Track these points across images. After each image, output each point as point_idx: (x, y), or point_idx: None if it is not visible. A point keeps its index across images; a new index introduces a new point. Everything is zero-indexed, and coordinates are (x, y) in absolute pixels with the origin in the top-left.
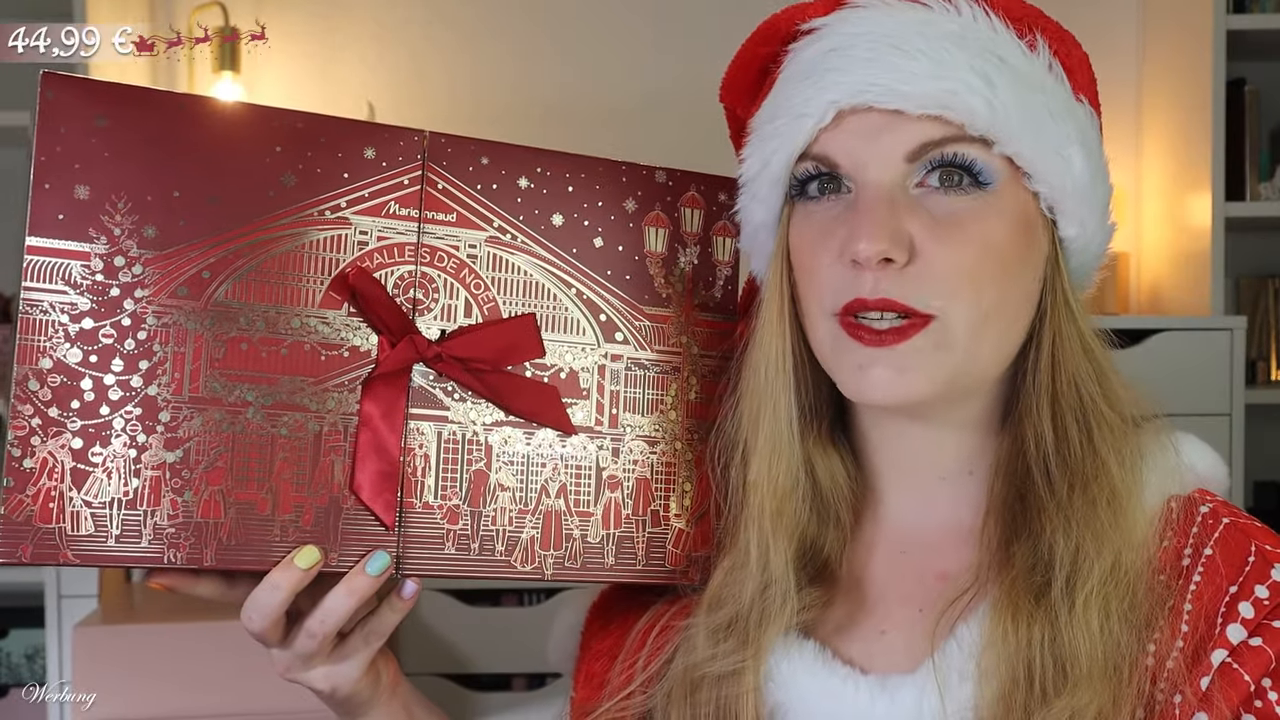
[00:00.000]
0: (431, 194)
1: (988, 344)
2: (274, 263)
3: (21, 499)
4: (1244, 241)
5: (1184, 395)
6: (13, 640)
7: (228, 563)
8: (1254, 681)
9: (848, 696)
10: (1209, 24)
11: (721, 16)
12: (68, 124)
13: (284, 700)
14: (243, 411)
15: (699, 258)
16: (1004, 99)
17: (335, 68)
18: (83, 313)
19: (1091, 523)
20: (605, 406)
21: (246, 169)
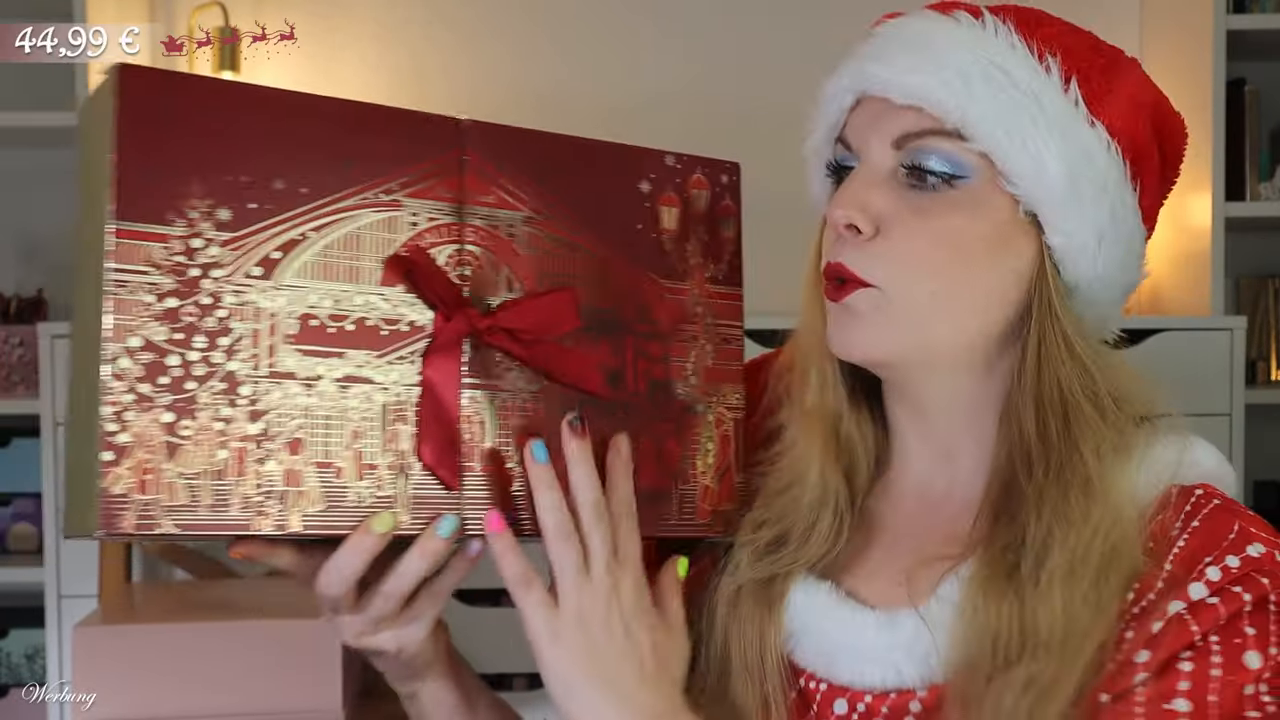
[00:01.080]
0: (472, 177)
1: (942, 325)
2: (337, 243)
3: (119, 472)
4: (1244, 241)
5: (1184, 395)
6: (13, 640)
7: (311, 529)
8: (1201, 634)
9: (854, 626)
10: (1209, 24)
11: (722, 17)
12: (145, 113)
13: (284, 700)
14: (316, 384)
15: (707, 234)
16: (981, 98)
17: (335, 68)
18: (166, 292)
19: (1062, 509)
20: (635, 373)
21: (309, 155)
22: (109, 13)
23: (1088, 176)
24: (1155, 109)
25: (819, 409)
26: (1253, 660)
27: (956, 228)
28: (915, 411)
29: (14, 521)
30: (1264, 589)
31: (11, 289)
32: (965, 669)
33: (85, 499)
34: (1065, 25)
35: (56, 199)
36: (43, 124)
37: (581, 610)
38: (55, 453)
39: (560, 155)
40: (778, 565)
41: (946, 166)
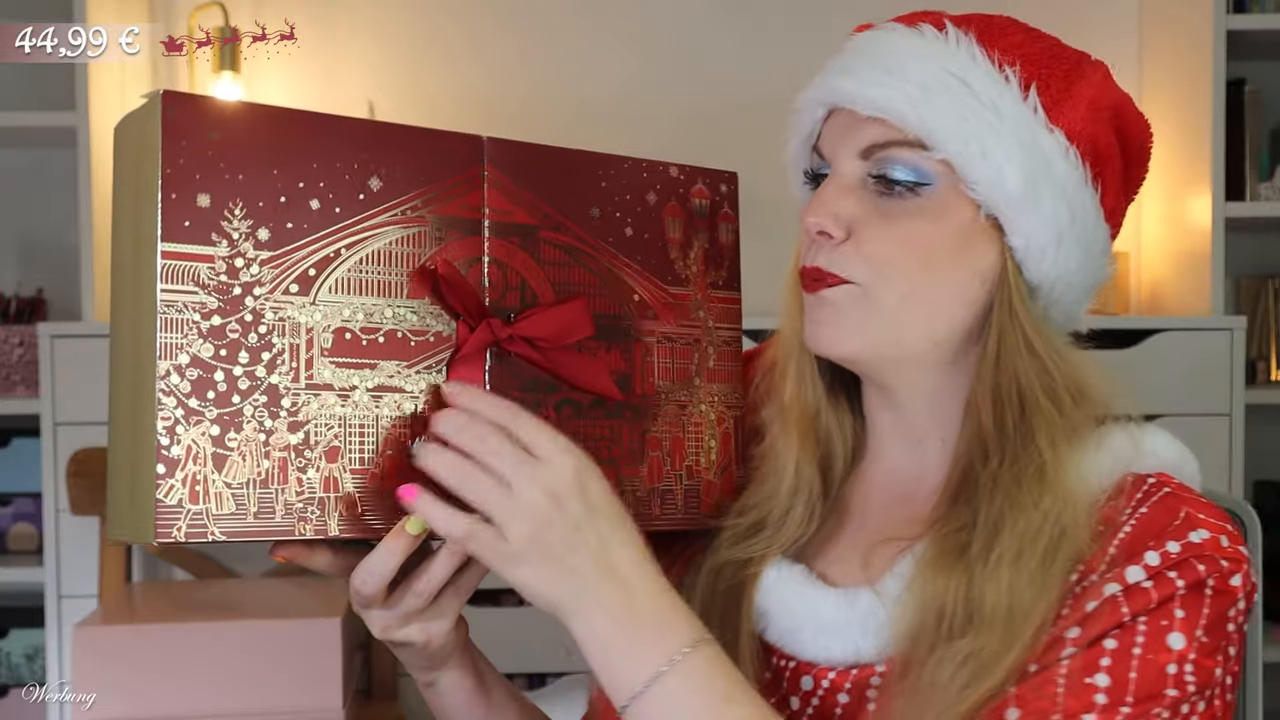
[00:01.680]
0: (492, 192)
1: (912, 323)
2: (368, 259)
3: (172, 484)
4: (1244, 241)
5: (1184, 395)
6: (13, 640)
7: (349, 531)
8: (1130, 615)
9: (817, 604)
10: (1209, 24)
11: (722, 18)
12: (187, 139)
13: (284, 700)
14: (351, 394)
15: (709, 242)
16: (940, 109)
17: (335, 67)
18: (211, 310)
19: (1014, 495)
20: (643, 376)
21: (339, 174)
22: (109, 13)
23: (1046, 181)
24: (1116, 111)
25: (796, 404)
26: (1176, 641)
27: (922, 232)
28: (888, 402)
29: (14, 521)
30: (1199, 574)
31: (11, 289)
32: (909, 640)
33: (135, 508)
34: (1029, 34)
35: (56, 199)
36: (43, 124)
37: (530, 528)
38: (55, 453)
39: (572, 169)
40: (754, 549)
41: (910, 175)
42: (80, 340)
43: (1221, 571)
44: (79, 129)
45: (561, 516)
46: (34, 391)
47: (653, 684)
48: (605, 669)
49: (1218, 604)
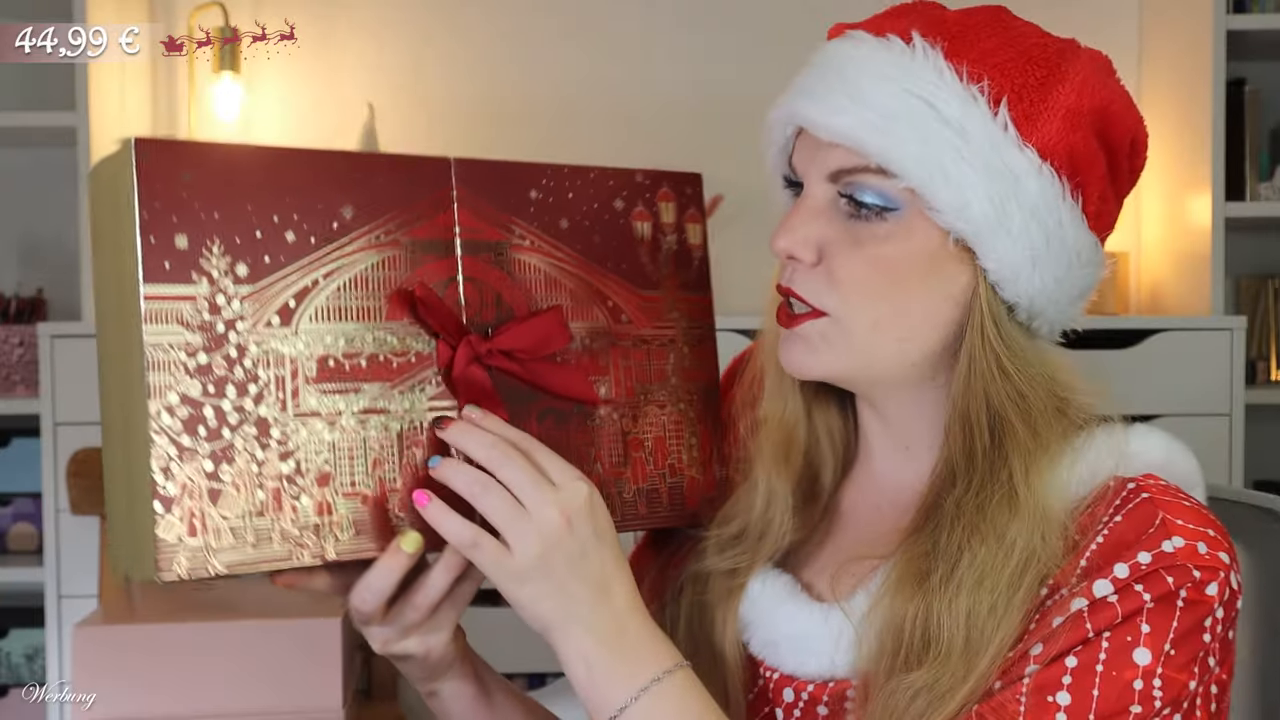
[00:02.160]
0: (463, 211)
1: (884, 347)
2: (345, 286)
3: (170, 520)
4: (1244, 241)
5: (1184, 395)
6: (13, 640)
7: (346, 554)
8: (1094, 631)
9: (796, 618)
10: (1209, 24)
11: (720, 23)
12: (161, 182)
13: (284, 700)
14: (338, 420)
15: (677, 244)
16: (903, 137)
17: (335, 67)
18: (197, 348)
19: (977, 524)
20: (621, 379)
21: (312, 206)
22: (109, 13)
23: (1015, 203)
24: (1098, 114)
25: (772, 418)
26: (1141, 656)
27: (890, 256)
28: (875, 412)
29: (14, 521)
30: (1168, 587)
31: (11, 289)
32: (871, 662)
33: (136, 544)
34: (1005, 37)
35: (56, 199)
36: (43, 124)
37: (539, 549)
38: (55, 453)
39: (539, 183)
40: (740, 559)
41: (877, 199)
42: (80, 340)
43: (1194, 581)
44: (79, 129)
45: (570, 540)
46: (34, 391)
47: (631, 704)
48: (589, 687)
49: (1189, 615)
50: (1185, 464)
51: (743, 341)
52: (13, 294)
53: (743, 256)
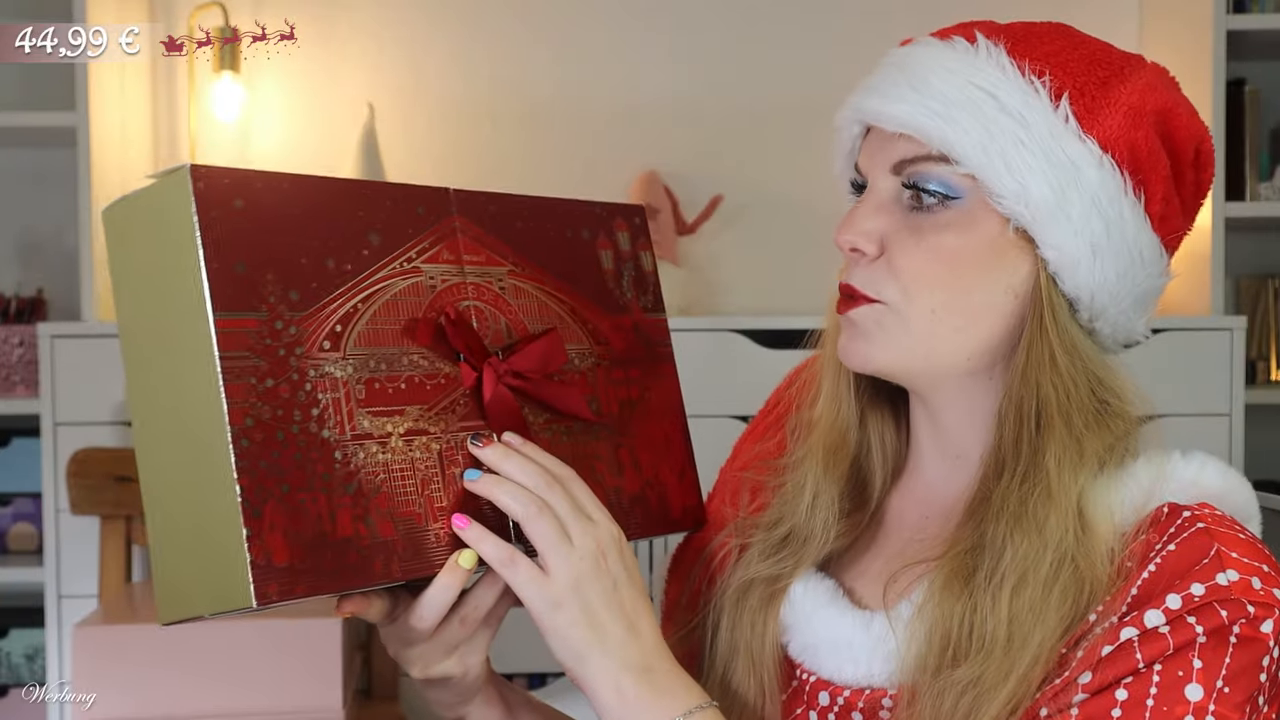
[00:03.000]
0: (467, 240)
1: (943, 336)
2: (381, 311)
3: (261, 545)
4: (1244, 241)
5: (1184, 395)
6: (13, 640)
7: (409, 573)
8: (1144, 662)
9: (837, 624)
10: (1209, 24)
11: (719, 23)
12: (217, 209)
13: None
14: (388, 441)
15: (635, 270)
16: (963, 123)
17: (335, 67)
18: (264, 373)
19: (1019, 515)
20: (608, 398)
21: (345, 233)
22: (109, 13)
23: (1076, 191)
24: (1161, 115)
25: (825, 421)
26: (1194, 692)
27: (950, 245)
28: (929, 416)
29: (14, 521)
30: (1220, 620)
31: (11, 289)
32: (918, 667)
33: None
34: (1068, 42)
35: (56, 199)
36: (43, 124)
37: (576, 576)
38: (55, 453)
39: (523, 214)
40: (783, 564)
41: (941, 188)
42: (80, 340)
43: (1248, 617)
44: (79, 129)
45: (604, 573)
46: (34, 391)
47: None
48: (622, 711)
49: (1243, 653)
50: (1242, 494)
51: (743, 341)
52: (13, 294)
53: (742, 257)
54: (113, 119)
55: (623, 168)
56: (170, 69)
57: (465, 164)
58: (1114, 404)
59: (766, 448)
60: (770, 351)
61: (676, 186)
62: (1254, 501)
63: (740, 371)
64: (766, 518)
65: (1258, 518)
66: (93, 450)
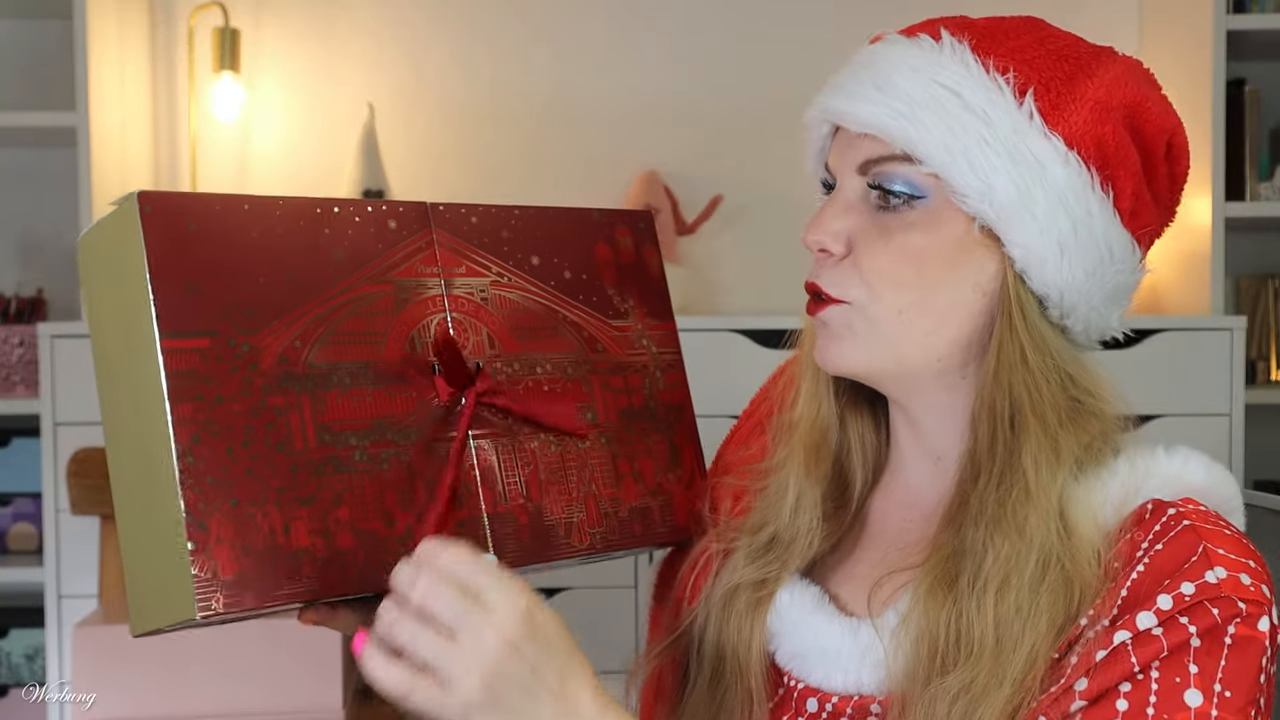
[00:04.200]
0: (444, 252)
1: (912, 337)
2: (345, 325)
3: (206, 559)
4: (1244, 241)
5: (1184, 395)
6: (13, 640)
7: (369, 586)
8: (1140, 666)
9: (824, 632)
10: (1209, 24)
11: (719, 23)
12: (166, 233)
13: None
14: (351, 454)
15: (640, 276)
16: (926, 123)
17: (335, 67)
18: (214, 391)
19: (1000, 519)
20: (606, 405)
21: (306, 250)
22: (109, 12)
23: (1042, 190)
24: (1130, 109)
25: (804, 422)
26: (1193, 698)
27: (916, 245)
28: (907, 418)
29: (14, 521)
30: (1213, 620)
31: (11, 289)
32: (906, 676)
33: (168, 590)
34: (1035, 37)
35: (56, 199)
36: (43, 124)
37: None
38: (55, 453)
39: (510, 223)
40: (768, 569)
41: (905, 188)
42: (80, 340)
43: (1241, 615)
44: (79, 129)
45: (517, 663)
46: (34, 391)
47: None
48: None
49: (1241, 654)
50: (1226, 488)
51: (743, 341)
52: (13, 294)
53: (742, 257)
54: (113, 119)
55: (623, 168)
56: (170, 69)
57: (465, 164)
58: (1088, 402)
59: (750, 453)
60: (770, 351)
61: (676, 186)
62: (1238, 495)
63: (739, 371)
64: (750, 521)
65: (1241, 510)
66: (93, 450)
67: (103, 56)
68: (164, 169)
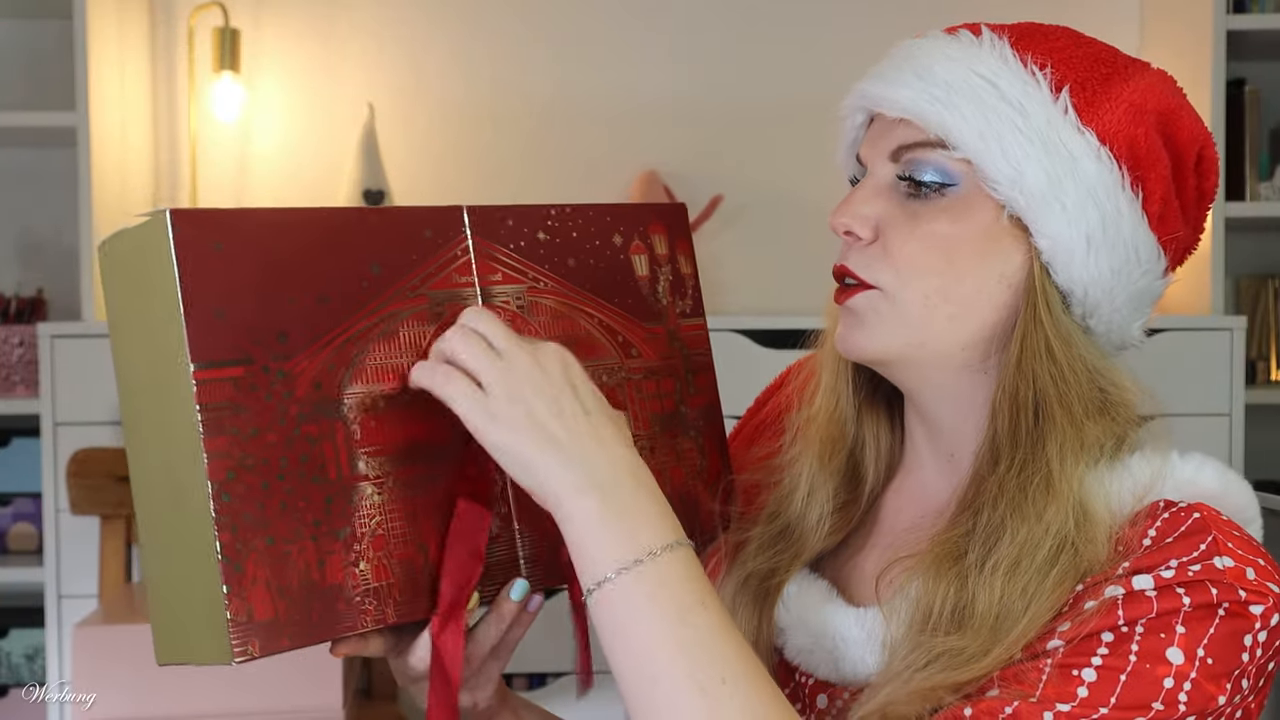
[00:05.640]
0: (480, 259)
1: (937, 324)
2: (379, 346)
3: (241, 602)
4: (1244, 241)
5: (1184, 395)
6: (13, 640)
7: (405, 616)
8: (1125, 620)
9: (832, 623)
10: (1209, 24)
11: (719, 23)
12: (196, 254)
13: (284, 700)
14: (385, 481)
15: (673, 274)
16: (962, 108)
17: (335, 67)
18: (249, 422)
19: (1019, 504)
20: (639, 413)
21: (340, 266)
22: (109, 11)
23: (1072, 181)
24: (1163, 115)
25: (823, 414)
26: (1175, 656)
27: (945, 231)
28: (923, 417)
29: (14, 521)
30: (1210, 597)
31: (11, 289)
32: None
33: (200, 629)
34: (1073, 41)
35: (56, 199)
36: (43, 124)
37: (509, 384)
38: (55, 453)
39: (545, 224)
40: (778, 559)
41: (937, 175)
42: (80, 340)
43: (1238, 599)
44: (79, 129)
45: (548, 383)
46: (34, 391)
47: (625, 572)
48: (580, 547)
49: (1229, 626)
50: (1241, 496)
51: (743, 342)
52: (13, 294)
53: (743, 256)
54: (113, 119)
55: (623, 168)
56: (170, 69)
57: (465, 164)
58: (1114, 393)
59: (760, 452)
60: (770, 351)
61: (676, 186)
62: (1254, 503)
63: (740, 371)
64: (764, 513)
65: (1259, 521)
66: (93, 450)
67: (103, 56)
68: (164, 169)
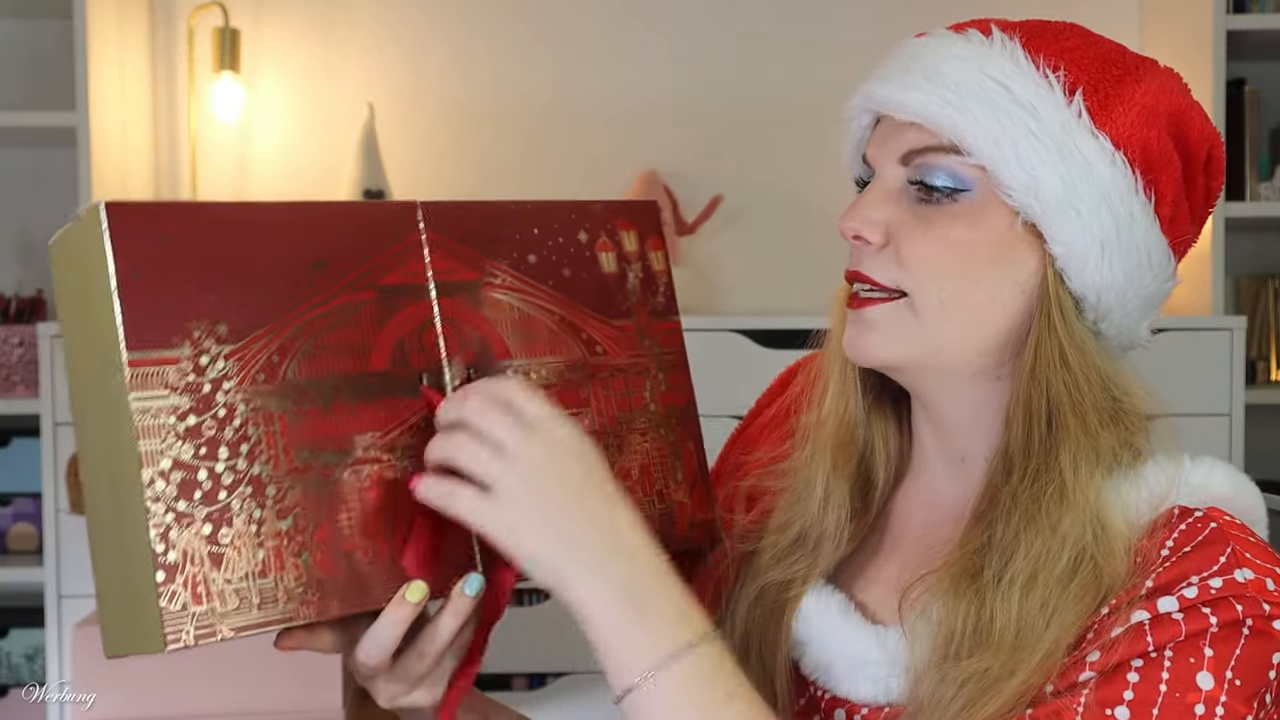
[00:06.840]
0: (435, 253)
1: (952, 330)
2: (327, 338)
3: (174, 589)
4: (1244, 241)
5: (1184, 395)
6: (13, 640)
7: (350, 608)
8: (1155, 646)
9: (851, 640)
10: (1209, 24)
11: (719, 23)
12: (136, 245)
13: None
14: (331, 472)
15: (643, 271)
16: (975, 113)
17: (335, 68)
18: (185, 411)
19: (1033, 516)
20: (603, 410)
21: (285, 260)
22: (109, 12)
23: (1086, 186)
24: (1174, 118)
25: (832, 418)
26: (1205, 680)
27: (958, 237)
28: (932, 419)
29: (14, 521)
30: (1235, 614)
31: (11, 289)
32: (922, 664)
33: (137, 618)
34: (1087, 40)
35: (56, 199)
36: (43, 124)
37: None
38: (55, 453)
39: (505, 220)
40: (795, 569)
41: (949, 181)
42: None
43: (1262, 614)
44: (79, 129)
45: (552, 472)
46: (34, 391)
47: (650, 677)
48: (604, 649)
49: (1255, 646)
50: (1250, 498)
51: (743, 342)
52: (13, 294)
53: (743, 256)
54: (113, 119)
55: (623, 168)
56: (170, 69)
57: (465, 164)
58: (1126, 402)
59: (762, 456)
60: (770, 351)
61: (676, 186)
62: (1261, 504)
63: (740, 371)
64: (775, 521)
65: (1264, 521)
66: None
67: (103, 56)
68: (164, 169)
